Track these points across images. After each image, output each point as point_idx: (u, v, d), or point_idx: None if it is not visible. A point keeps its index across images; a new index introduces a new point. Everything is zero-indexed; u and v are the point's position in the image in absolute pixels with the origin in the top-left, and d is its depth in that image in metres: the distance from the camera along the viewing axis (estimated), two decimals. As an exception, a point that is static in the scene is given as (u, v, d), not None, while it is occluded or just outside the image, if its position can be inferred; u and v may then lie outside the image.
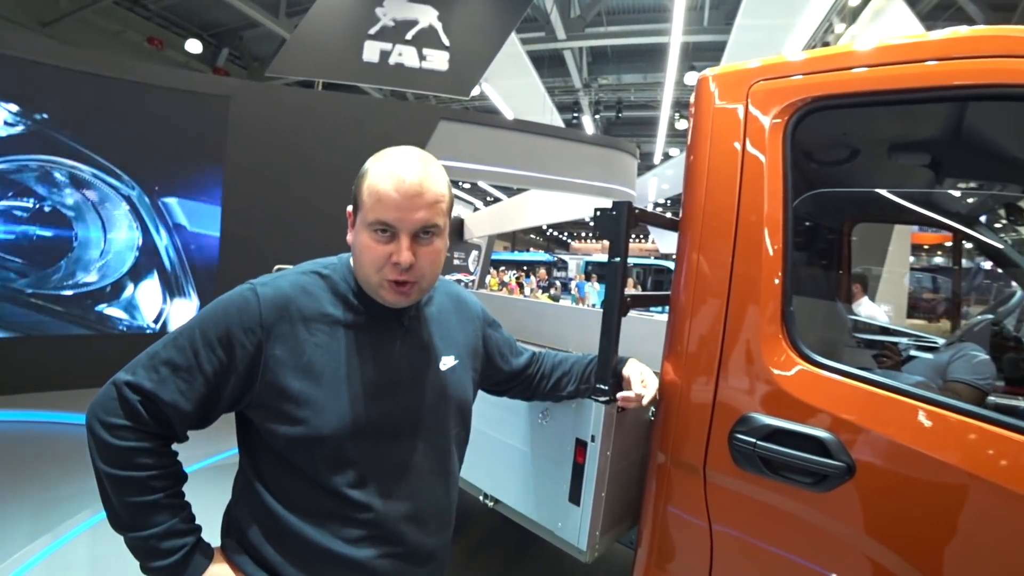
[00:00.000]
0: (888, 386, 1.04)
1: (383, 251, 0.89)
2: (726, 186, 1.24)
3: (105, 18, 9.29)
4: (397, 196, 0.87)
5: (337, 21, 6.40)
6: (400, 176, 0.88)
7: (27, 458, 3.51)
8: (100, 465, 0.86)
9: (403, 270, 0.89)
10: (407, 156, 0.92)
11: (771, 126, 1.20)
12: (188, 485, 0.95)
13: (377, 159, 0.93)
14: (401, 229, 0.89)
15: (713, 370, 1.23)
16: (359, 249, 0.92)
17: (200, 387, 0.88)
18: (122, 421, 0.85)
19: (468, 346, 1.15)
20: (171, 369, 0.87)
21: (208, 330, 0.88)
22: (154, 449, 0.88)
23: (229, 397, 0.90)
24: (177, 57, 10.35)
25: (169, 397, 0.87)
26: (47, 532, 2.65)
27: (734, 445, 1.16)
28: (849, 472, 1.02)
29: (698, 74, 1.35)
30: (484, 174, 6.92)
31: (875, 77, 1.09)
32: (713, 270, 1.25)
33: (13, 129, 4.63)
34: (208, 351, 0.87)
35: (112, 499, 0.86)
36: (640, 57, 11.13)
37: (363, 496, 0.92)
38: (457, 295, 1.19)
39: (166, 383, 0.87)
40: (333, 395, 0.91)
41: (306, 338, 0.91)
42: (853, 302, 3.05)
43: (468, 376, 1.14)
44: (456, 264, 14.12)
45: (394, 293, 0.92)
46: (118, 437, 0.85)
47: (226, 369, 0.88)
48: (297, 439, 0.89)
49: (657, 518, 1.33)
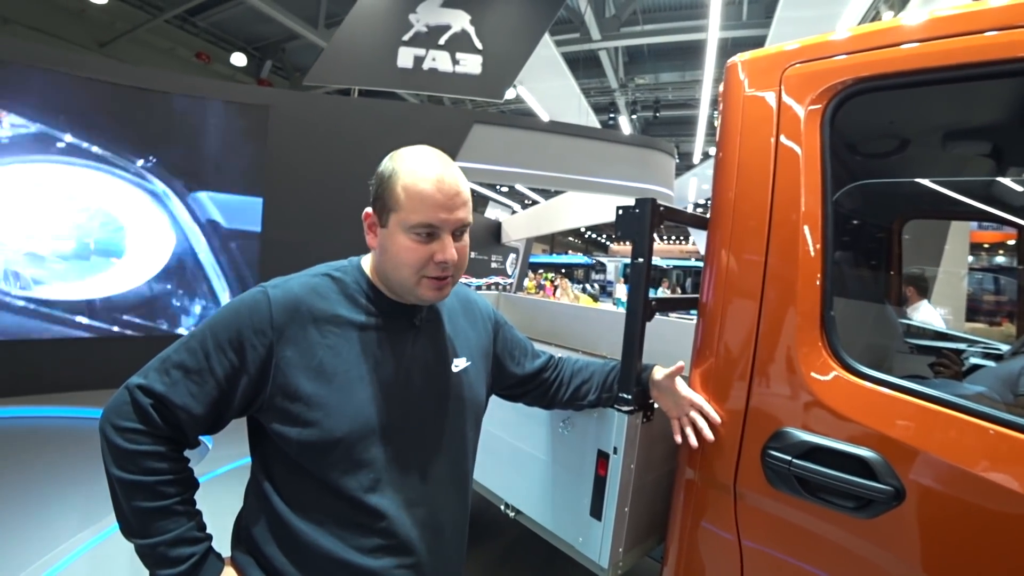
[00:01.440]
0: (944, 401, 0.92)
1: (425, 251, 0.89)
2: (758, 180, 1.15)
3: (157, 36, 9.77)
4: (441, 197, 0.88)
5: (372, 29, 6.49)
6: (440, 176, 0.88)
7: (80, 453, 3.66)
8: (111, 469, 0.86)
9: (445, 268, 0.90)
10: (433, 156, 0.92)
11: (807, 113, 1.09)
12: (200, 493, 0.94)
13: (403, 160, 0.91)
14: (444, 229, 0.89)
15: (745, 381, 1.13)
16: (396, 251, 0.90)
17: (211, 390, 0.87)
18: (134, 424, 0.85)
19: (479, 347, 1.13)
20: (183, 372, 0.87)
21: (219, 332, 0.88)
22: (165, 453, 0.88)
23: (241, 400, 0.89)
24: (224, 70, 10.79)
25: (180, 400, 0.86)
26: (92, 524, 2.74)
27: (767, 463, 1.06)
28: (897, 497, 0.91)
29: (735, 65, 1.25)
30: (519, 176, 6.88)
31: (926, 53, 0.97)
32: (745, 272, 1.16)
33: (75, 140, 4.91)
34: (219, 353, 0.87)
35: (122, 504, 0.86)
36: (677, 55, 10.89)
37: (377, 501, 0.90)
38: (465, 296, 1.17)
39: (177, 386, 0.86)
40: (345, 397, 0.89)
41: (317, 340, 0.90)
42: (908, 306, 2.85)
43: (481, 378, 1.11)
44: (494, 267, 14.10)
45: (434, 290, 0.92)
46: (130, 440, 0.85)
47: (237, 371, 0.87)
48: (309, 442, 0.88)
49: (684, 537, 1.24)
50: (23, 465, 3.46)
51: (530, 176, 6.80)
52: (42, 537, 2.64)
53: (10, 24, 7.91)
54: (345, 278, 0.97)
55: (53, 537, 2.63)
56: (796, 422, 1.05)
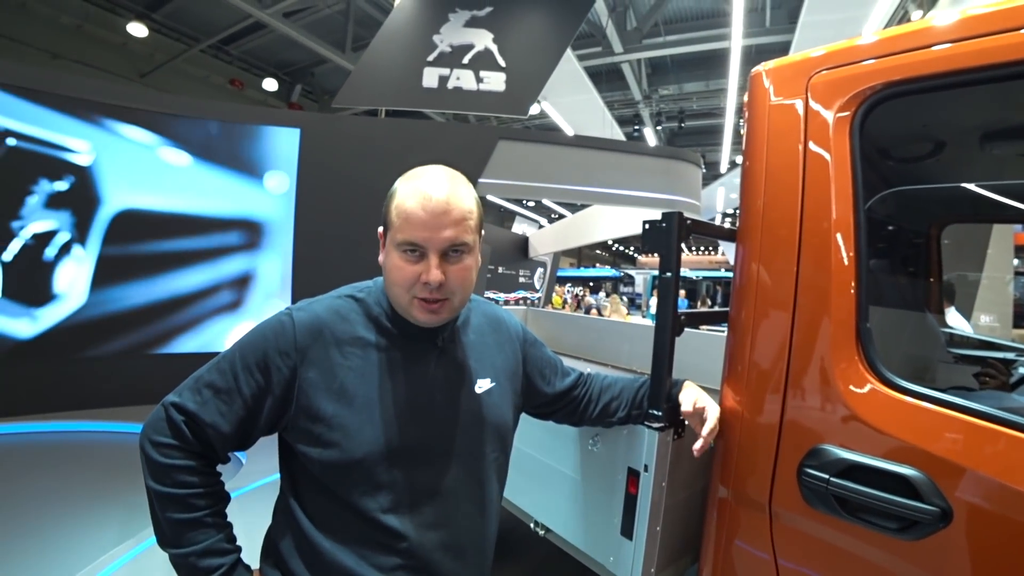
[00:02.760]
0: (990, 415, 0.87)
1: (412, 271, 0.89)
2: (787, 190, 1.12)
3: (193, 65, 10.21)
4: (424, 215, 0.87)
5: (397, 51, 6.63)
6: (427, 194, 0.88)
7: (121, 466, 3.80)
8: (148, 482, 0.89)
9: (433, 289, 0.88)
10: (433, 175, 0.92)
11: (836, 120, 1.07)
12: (233, 506, 0.97)
13: (405, 179, 0.93)
14: (429, 248, 0.88)
15: (778, 396, 1.09)
16: (389, 269, 0.92)
17: (239, 409, 0.91)
18: (168, 440, 0.89)
19: (507, 368, 1.11)
20: (213, 391, 0.91)
21: (247, 355, 0.91)
22: (197, 468, 0.91)
23: (267, 420, 0.92)
24: (256, 95, 11.17)
25: (210, 418, 0.90)
26: (132, 536, 2.82)
27: (804, 481, 1.03)
28: (944, 519, 0.86)
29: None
30: (544, 191, 6.89)
31: (959, 54, 0.94)
32: (776, 283, 1.13)
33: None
34: (247, 375, 0.90)
35: (158, 515, 0.90)
36: (701, 65, 10.81)
37: (397, 522, 0.90)
38: (495, 315, 1.16)
39: (208, 405, 0.90)
40: (366, 418, 0.90)
41: (340, 361, 0.92)
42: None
43: (507, 399, 1.09)
44: (522, 282, 14.11)
45: (424, 312, 0.91)
46: (164, 455, 0.89)
47: (263, 392, 0.90)
48: (330, 462, 0.89)
49: (719, 557, 1.20)
50: (65, 477, 3.59)
51: (556, 190, 6.80)
52: (83, 548, 2.73)
53: (59, 59, 8.36)
54: (368, 299, 0.99)
55: (95, 547, 2.73)
56: (833, 439, 1.01)
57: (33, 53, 8.02)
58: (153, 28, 8.86)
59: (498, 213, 21.90)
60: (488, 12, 6.67)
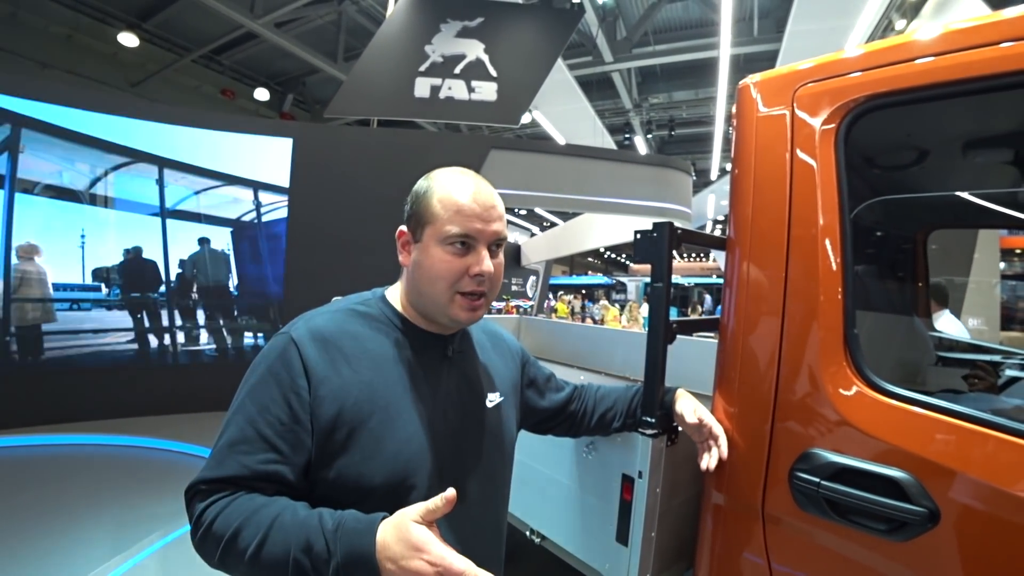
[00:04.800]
0: (975, 417, 0.89)
1: (461, 264, 0.87)
2: (775, 198, 1.15)
3: (184, 75, 10.18)
4: (477, 207, 0.87)
5: (389, 61, 6.66)
6: (476, 188, 0.89)
7: (111, 480, 3.78)
8: (228, 565, 0.77)
9: (481, 281, 0.88)
10: (467, 173, 0.93)
11: (821, 132, 1.10)
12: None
13: (437, 177, 0.91)
14: (480, 240, 0.88)
15: (769, 401, 1.11)
16: (430, 264, 0.88)
17: (287, 450, 0.81)
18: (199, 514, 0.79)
19: (510, 381, 1.11)
20: (242, 448, 0.81)
21: (261, 398, 0.83)
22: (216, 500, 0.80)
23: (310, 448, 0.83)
24: (248, 105, 11.15)
25: (247, 470, 0.79)
26: (122, 552, 2.80)
27: (795, 485, 1.04)
28: (932, 519, 0.88)
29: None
30: (537, 200, 6.92)
31: (940, 67, 0.97)
32: (765, 290, 1.15)
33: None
34: (266, 417, 0.82)
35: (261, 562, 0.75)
36: (690, 73, 10.92)
37: None
38: (494, 332, 1.17)
39: (240, 458, 0.80)
40: (381, 440, 0.84)
41: (350, 376, 0.86)
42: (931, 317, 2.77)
43: (512, 414, 1.09)
44: (514, 290, 14.12)
45: (467, 310, 0.89)
46: (200, 529, 0.78)
47: (293, 427, 0.82)
48: (345, 487, 0.83)
49: (713, 562, 1.21)
50: (59, 491, 3.54)
51: (548, 199, 6.84)
52: (72, 564, 2.69)
53: (48, 68, 8.32)
54: (371, 311, 0.94)
55: (85, 563, 2.69)
56: (824, 443, 1.03)
57: (23, 63, 7.98)
58: (144, 38, 8.82)
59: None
60: (479, 23, 6.73)
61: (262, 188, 5.75)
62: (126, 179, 5.21)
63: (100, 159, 5.04)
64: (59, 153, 4.86)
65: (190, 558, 0.86)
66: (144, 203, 5.31)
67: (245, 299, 5.96)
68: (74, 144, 4.89)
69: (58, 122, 4.81)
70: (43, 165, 4.80)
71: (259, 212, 5.81)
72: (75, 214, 5.02)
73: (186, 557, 2.61)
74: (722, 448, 1.13)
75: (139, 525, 3.10)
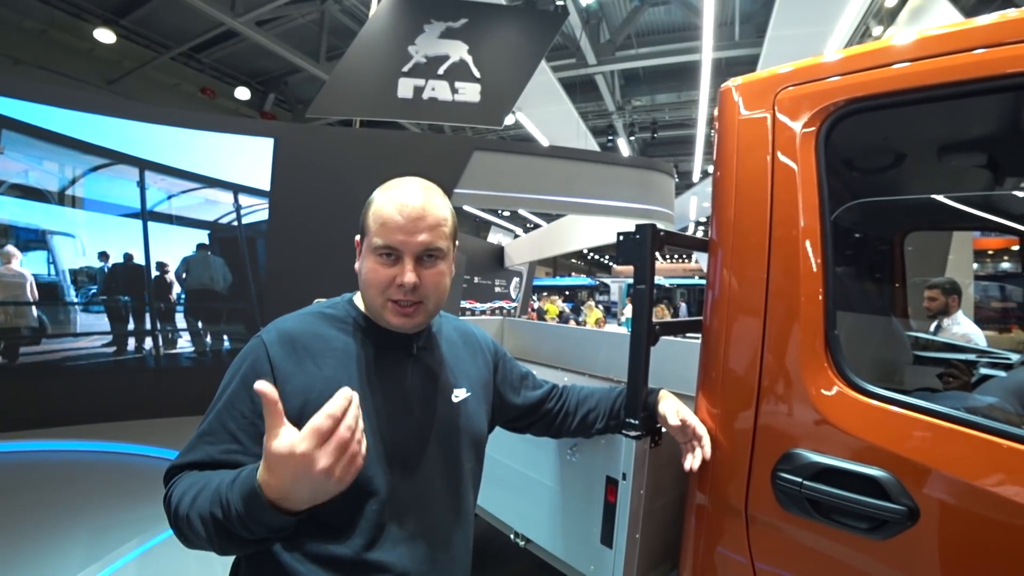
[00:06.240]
0: (950, 416, 0.91)
1: (387, 273, 0.91)
2: (757, 201, 1.16)
3: (163, 73, 9.98)
4: (400, 219, 0.90)
5: (372, 61, 6.62)
6: (403, 201, 0.91)
7: (85, 487, 3.68)
8: (188, 536, 0.82)
9: (407, 291, 0.90)
10: (410, 184, 0.95)
11: (802, 135, 1.11)
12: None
13: (382, 189, 0.96)
14: (405, 251, 0.91)
15: (751, 402, 1.12)
16: (365, 273, 0.94)
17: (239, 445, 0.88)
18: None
19: (480, 379, 1.13)
20: (209, 439, 0.89)
21: (238, 404, 0.90)
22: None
23: None
24: (228, 104, 10.98)
25: (210, 457, 0.88)
26: (98, 560, 2.72)
27: (778, 485, 1.05)
28: (912, 517, 0.89)
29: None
30: (520, 201, 6.93)
31: (915, 72, 0.99)
32: (747, 291, 1.16)
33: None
34: (238, 418, 0.89)
35: (212, 538, 0.79)
36: (673, 76, 11.05)
37: (381, 536, 0.89)
38: (464, 329, 1.18)
39: (208, 447, 0.89)
40: None
41: (315, 372, 0.91)
42: (948, 316, 2.84)
43: (482, 410, 1.11)
44: (498, 292, 14.10)
45: (398, 316, 0.93)
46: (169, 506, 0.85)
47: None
48: None
49: (698, 563, 1.22)
50: (36, 499, 3.44)
51: (531, 201, 6.85)
52: (49, 573, 2.62)
53: (20, 64, 8.10)
54: (338, 313, 1.00)
55: (62, 571, 2.63)
56: (805, 443, 1.04)
57: (-6, 59, 7.78)
58: (121, 34, 8.64)
59: (473, 223, 21.91)
60: (463, 24, 6.72)
61: (243, 190, 5.67)
62: (97, 180, 5.11)
63: (75, 159, 4.93)
64: (33, 152, 4.75)
65: (168, 566, 0.86)
66: (118, 204, 5.21)
67: (229, 303, 5.87)
68: (48, 143, 4.78)
69: (32, 120, 4.69)
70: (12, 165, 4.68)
71: (239, 214, 5.73)
72: (44, 214, 4.92)
73: (164, 564, 2.57)
74: (705, 449, 1.14)
75: (117, 532, 3.03)
